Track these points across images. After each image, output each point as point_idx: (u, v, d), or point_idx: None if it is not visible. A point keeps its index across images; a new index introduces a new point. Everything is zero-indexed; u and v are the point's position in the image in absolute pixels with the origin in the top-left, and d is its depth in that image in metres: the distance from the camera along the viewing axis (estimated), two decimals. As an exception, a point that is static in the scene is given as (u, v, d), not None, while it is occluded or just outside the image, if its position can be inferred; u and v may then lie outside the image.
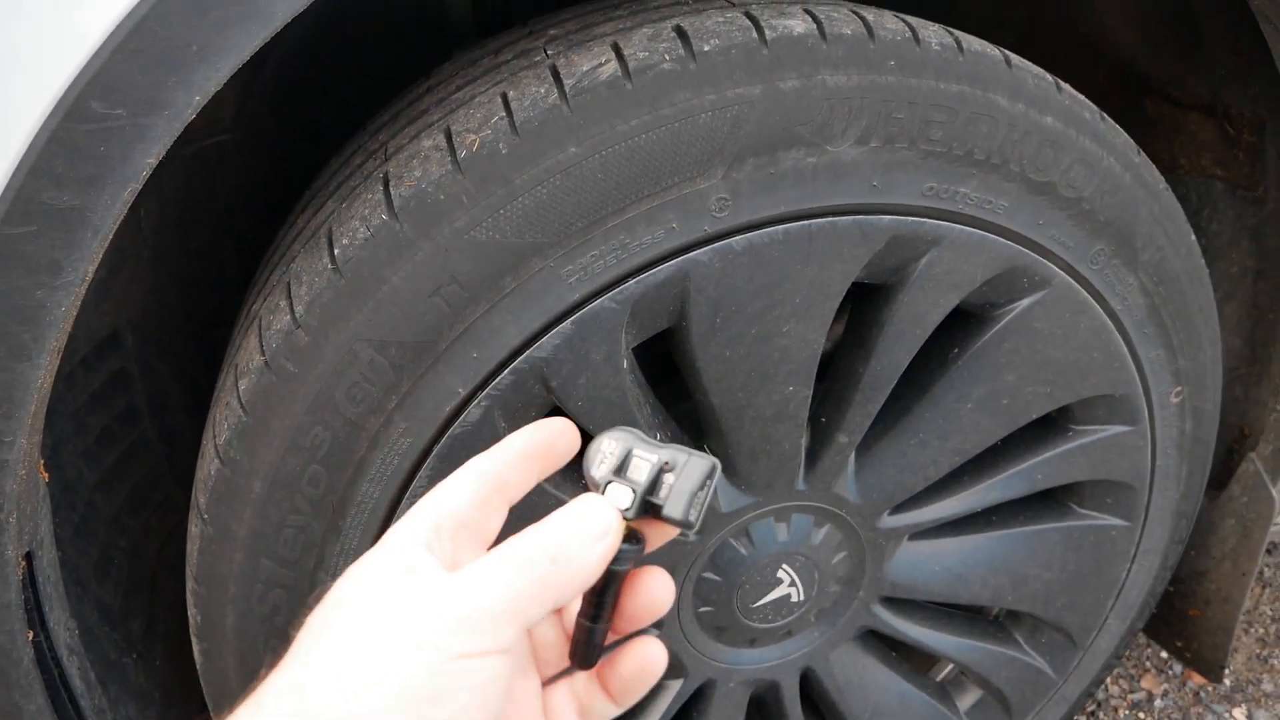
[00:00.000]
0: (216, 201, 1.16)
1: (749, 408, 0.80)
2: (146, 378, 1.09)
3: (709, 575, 0.89)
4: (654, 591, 0.52)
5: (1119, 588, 1.08)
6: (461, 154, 0.68)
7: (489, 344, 0.71)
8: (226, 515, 0.75)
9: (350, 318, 0.69)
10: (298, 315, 0.70)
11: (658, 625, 0.66)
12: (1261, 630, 1.68)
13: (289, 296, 0.71)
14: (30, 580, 0.72)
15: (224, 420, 0.74)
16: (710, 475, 0.49)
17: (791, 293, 0.75)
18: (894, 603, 1.00)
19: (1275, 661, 1.63)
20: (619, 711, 0.55)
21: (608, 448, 0.50)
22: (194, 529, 0.78)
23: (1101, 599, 1.07)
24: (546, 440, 0.51)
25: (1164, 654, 1.62)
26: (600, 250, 0.70)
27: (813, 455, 0.87)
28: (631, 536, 0.49)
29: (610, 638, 0.52)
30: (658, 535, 0.52)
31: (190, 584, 0.80)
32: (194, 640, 0.82)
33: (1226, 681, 1.59)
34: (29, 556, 0.72)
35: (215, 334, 1.15)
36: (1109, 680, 1.58)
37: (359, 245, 0.69)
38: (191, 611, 0.81)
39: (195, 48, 0.57)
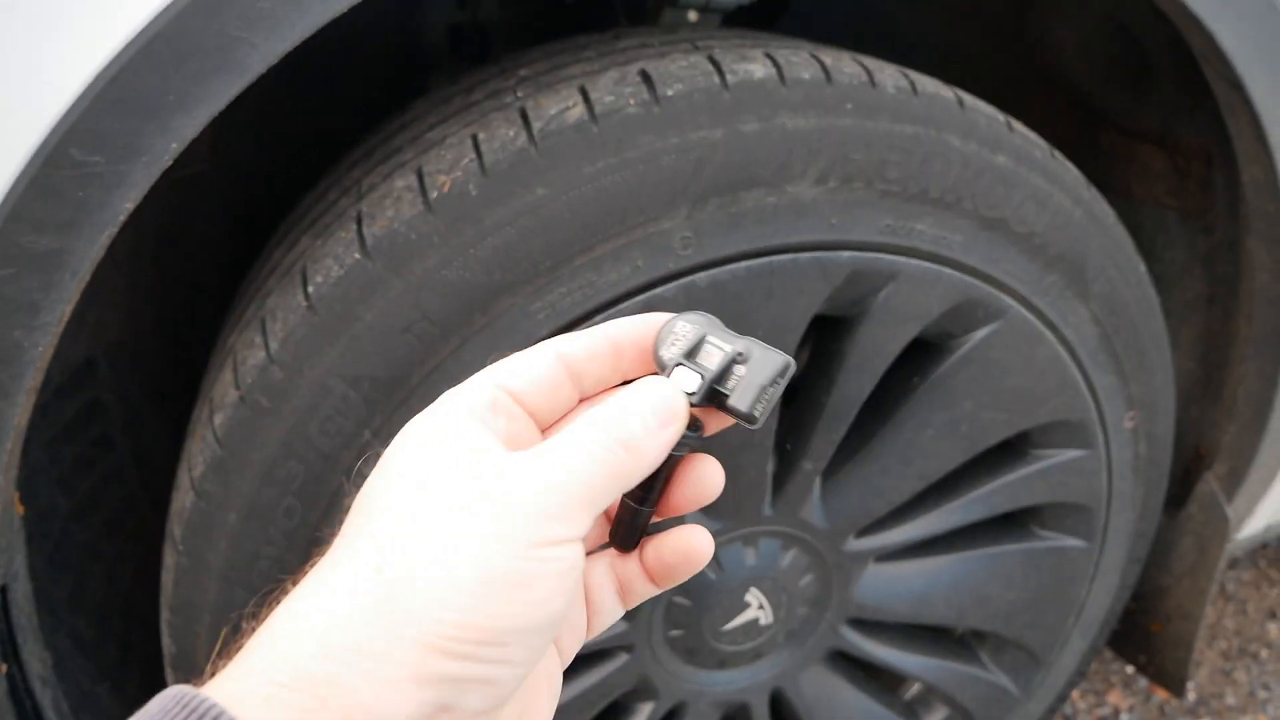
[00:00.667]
0: (192, 231, 1.17)
1: (716, 437, 0.81)
2: (121, 405, 1.10)
3: (679, 599, 0.91)
4: (706, 480, 0.50)
5: (1080, 606, 1.11)
6: (433, 195, 0.70)
7: (460, 379, 0.72)
8: (201, 546, 0.76)
9: (324, 353, 0.71)
10: (272, 351, 0.71)
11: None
12: (1225, 644, 1.72)
13: (264, 332, 0.73)
14: (4, 613, 0.73)
15: (199, 453, 0.76)
16: (783, 373, 0.47)
17: (755, 326, 0.77)
18: (861, 624, 1.02)
19: (1238, 675, 1.66)
20: (658, 592, 0.53)
21: (681, 329, 0.48)
22: (169, 560, 0.79)
23: (1063, 617, 1.10)
24: (641, 336, 0.49)
25: (1130, 669, 1.65)
26: (568, 288, 0.72)
27: (779, 481, 0.89)
28: (692, 423, 0.47)
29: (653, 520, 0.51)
30: (715, 423, 0.50)
31: (165, 614, 0.81)
32: (168, 671, 0.83)
33: (1190, 695, 1.63)
34: (3, 590, 0.73)
35: (192, 361, 1.16)
36: (1075, 695, 1.61)
37: (333, 283, 0.70)
38: (166, 642, 0.82)
39: (173, 97, 0.59)
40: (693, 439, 0.48)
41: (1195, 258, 1.17)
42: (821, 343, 0.87)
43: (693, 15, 1.01)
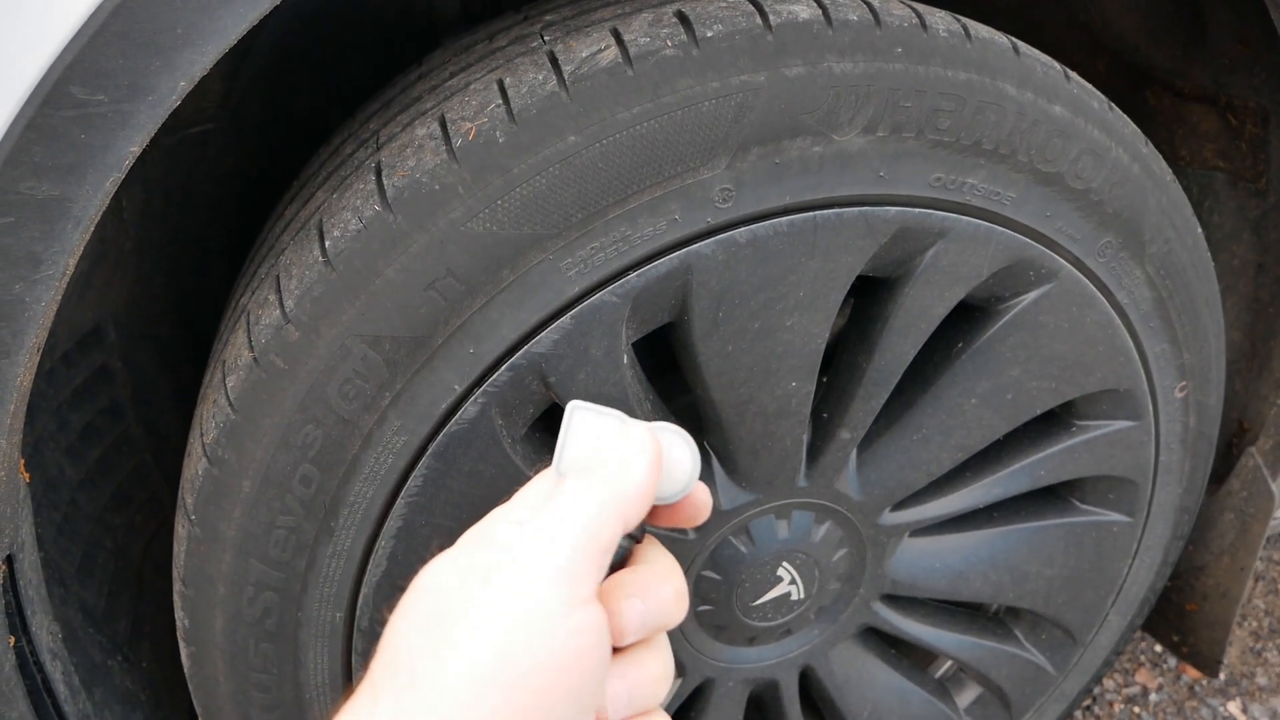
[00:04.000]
0: (202, 191, 1.13)
1: (751, 403, 0.78)
2: (130, 373, 1.06)
3: (708, 573, 0.87)
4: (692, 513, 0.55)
5: (1120, 584, 1.07)
6: (457, 142, 0.65)
7: (486, 339, 0.69)
8: (215, 516, 0.73)
9: (342, 312, 0.67)
10: (288, 310, 0.68)
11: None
12: (1255, 624, 1.68)
13: (278, 290, 0.69)
14: (11, 584, 0.70)
15: (211, 418, 0.72)
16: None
17: (796, 286, 0.73)
18: (894, 600, 0.99)
19: (1269, 655, 1.63)
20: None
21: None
22: (181, 530, 0.76)
23: (1103, 595, 1.06)
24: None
25: (1159, 648, 1.61)
26: (601, 242, 0.68)
27: (814, 451, 0.85)
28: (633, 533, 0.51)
29: None
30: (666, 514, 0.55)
31: (177, 586, 0.78)
32: (181, 644, 0.80)
33: (1221, 676, 1.59)
34: (9, 559, 0.69)
35: (201, 327, 1.12)
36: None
37: (351, 237, 0.66)
38: (179, 614, 0.79)
39: (180, 30, 0.55)
40: (626, 546, 0.51)
41: (1245, 222, 1.12)
42: (863, 305, 0.83)
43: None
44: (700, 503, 0.57)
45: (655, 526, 0.57)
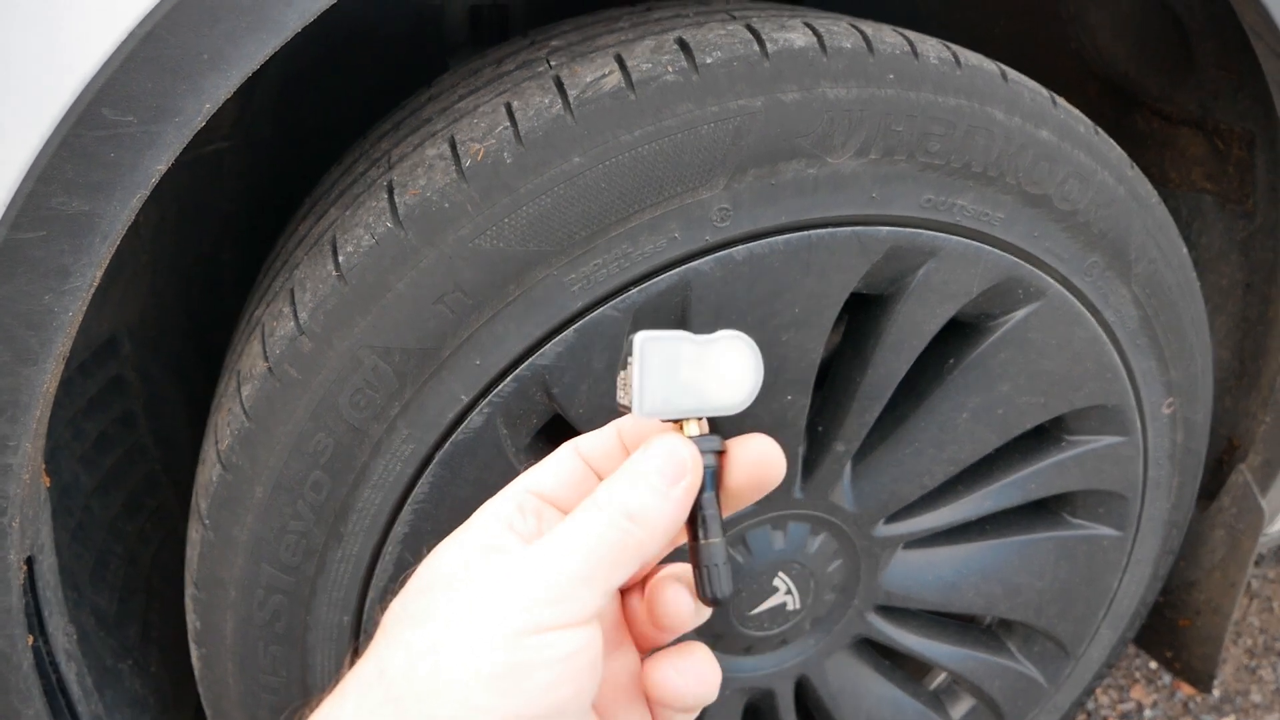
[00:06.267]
0: (215, 207, 1.16)
1: (748, 416, 0.80)
2: (144, 383, 1.09)
3: (706, 583, 0.89)
4: (762, 462, 0.48)
5: (1111, 597, 1.09)
6: (466, 163, 0.68)
7: (492, 351, 0.71)
8: (228, 520, 0.75)
9: (354, 324, 0.70)
10: (302, 321, 0.70)
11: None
12: (1250, 641, 1.69)
13: (293, 303, 0.72)
14: (31, 585, 0.72)
15: (226, 426, 0.75)
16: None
17: (791, 302, 0.76)
18: (888, 611, 1.01)
19: (1263, 673, 1.64)
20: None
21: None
22: (194, 534, 0.78)
23: (1094, 608, 1.08)
24: (649, 433, 0.48)
25: (1153, 664, 1.63)
26: (603, 259, 0.70)
27: (810, 464, 0.88)
28: (712, 429, 0.46)
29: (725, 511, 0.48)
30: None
31: (190, 589, 0.80)
32: (192, 646, 0.82)
33: (1215, 692, 1.60)
34: (30, 561, 0.72)
35: (213, 339, 1.15)
36: (1098, 690, 1.59)
37: (364, 252, 0.69)
38: (190, 617, 0.81)
39: (206, 56, 0.58)
40: (712, 443, 0.46)
41: (1232, 243, 1.15)
42: (857, 321, 0.85)
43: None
44: (767, 459, 0.50)
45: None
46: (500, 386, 0.72)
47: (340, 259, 0.70)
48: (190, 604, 0.80)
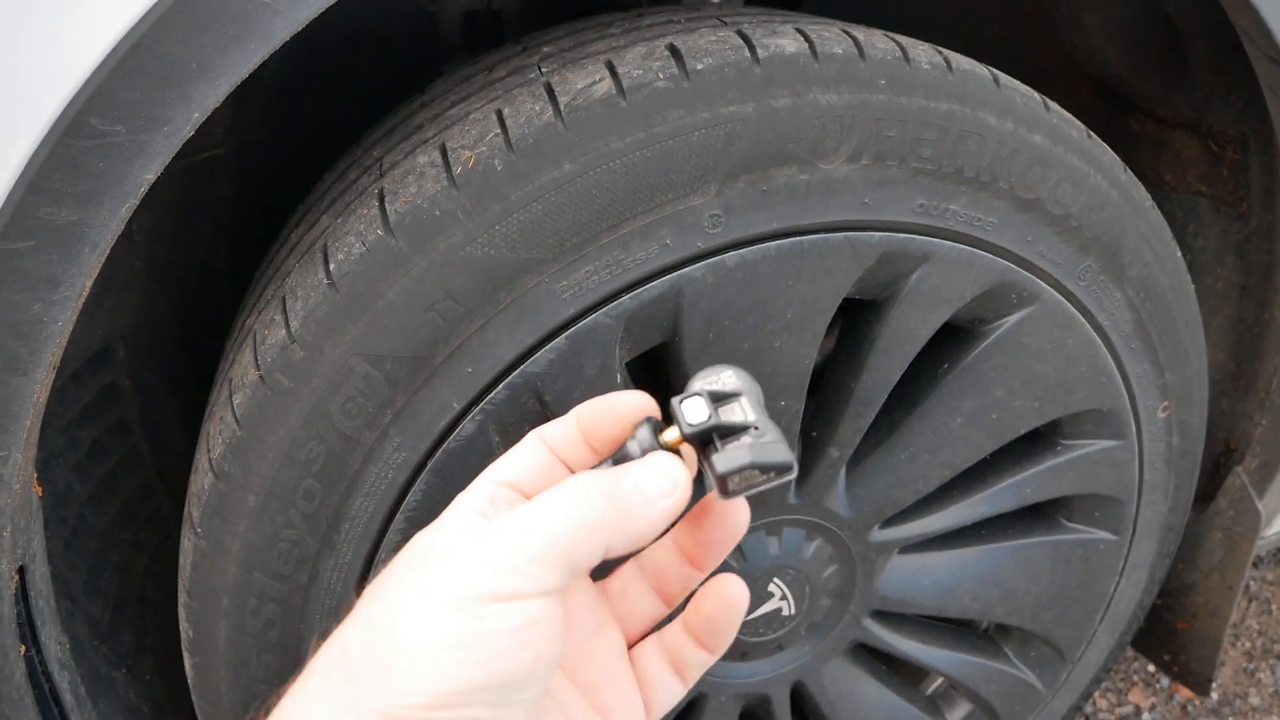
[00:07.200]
0: (208, 215, 1.16)
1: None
2: (138, 391, 1.09)
3: (701, 589, 0.89)
4: (731, 516, 0.52)
5: (1107, 601, 1.08)
6: (457, 170, 0.68)
7: (484, 359, 0.71)
8: (220, 529, 0.75)
9: (346, 332, 0.69)
10: (293, 330, 0.70)
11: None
12: (1248, 644, 1.69)
13: (284, 311, 0.72)
14: (23, 594, 0.72)
15: (218, 434, 0.74)
16: (779, 470, 0.46)
17: (784, 308, 0.76)
18: (884, 616, 1.01)
19: (1262, 675, 1.64)
20: (713, 659, 0.54)
21: (726, 377, 0.49)
22: (187, 543, 0.78)
23: (1090, 612, 1.08)
24: (607, 411, 0.50)
25: (1151, 667, 1.62)
26: (594, 266, 0.70)
27: (804, 469, 0.87)
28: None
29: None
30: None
31: (182, 598, 0.80)
32: (186, 655, 0.82)
33: (1214, 695, 1.60)
34: (22, 571, 0.72)
35: (207, 347, 1.15)
36: (1097, 694, 1.59)
37: (354, 260, 0.69)
38: (183, 626, 0.81)
39: (195, 65, 0.58)
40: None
41: (1227, 246, 1.15)
42: (850, 326, 0.85)
43: (717, -5, 1.00)
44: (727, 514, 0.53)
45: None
46: (492, 394, 0.72)
47: (331, 267, 0.70)
48: (183, 612, 0.80)
